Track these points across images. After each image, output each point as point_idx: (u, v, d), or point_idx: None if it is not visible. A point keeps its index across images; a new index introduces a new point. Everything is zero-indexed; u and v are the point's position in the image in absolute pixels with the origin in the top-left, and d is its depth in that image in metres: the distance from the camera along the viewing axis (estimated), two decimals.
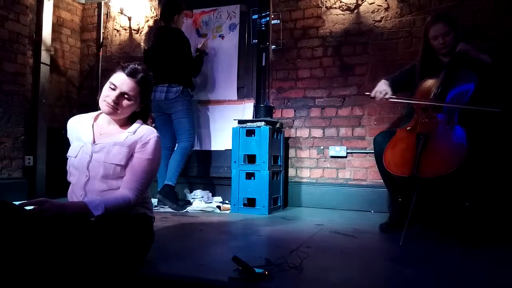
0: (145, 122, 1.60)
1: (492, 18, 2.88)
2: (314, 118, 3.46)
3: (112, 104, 1.47)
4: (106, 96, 1.48)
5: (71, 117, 1.63)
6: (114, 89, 1.48)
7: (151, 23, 4.01)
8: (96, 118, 1.60)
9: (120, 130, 1.55)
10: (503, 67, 2.21)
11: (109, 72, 1.54)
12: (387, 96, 2.33)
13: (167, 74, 3.17)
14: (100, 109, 1.56)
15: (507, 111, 2.64)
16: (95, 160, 1.47)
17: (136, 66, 1.52)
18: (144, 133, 1.53)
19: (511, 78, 2.47)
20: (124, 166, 1.48)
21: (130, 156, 1.49)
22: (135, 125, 1.56)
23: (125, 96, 1.49)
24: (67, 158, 1.54)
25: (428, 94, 2.21)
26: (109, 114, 1.51)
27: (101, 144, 1.50)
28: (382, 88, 2.35)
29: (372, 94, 2.37)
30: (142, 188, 1.48)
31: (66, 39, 4.27)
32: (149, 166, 1.49)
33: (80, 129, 1.56)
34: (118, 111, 1.50)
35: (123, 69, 1.51)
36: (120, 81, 1.49)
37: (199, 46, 3.49)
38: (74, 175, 1.51)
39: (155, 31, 3.32)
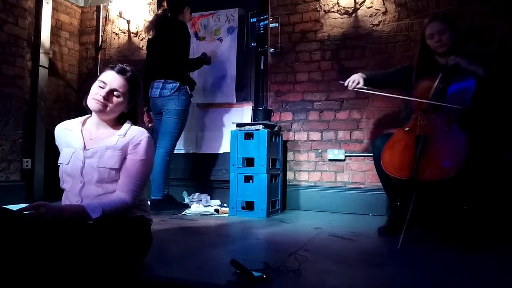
0: (134, 123, 1.59)
1: (490, 23, 2.89)
2: (312, 121, 3.46)
3: (102, 100, 1.47)
4: (96, 93, 1.48)
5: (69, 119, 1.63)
6: (103, 87, 1.49)
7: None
8: (84, 123, 1.58)
9: (110, 133, 1.53)
10: (499, 77, 2.18)
11: None
12: (358, 86, 2.43)
13: (164, 69, 3.02)
14: (87, 114, 1.57)
15: (505, 115, 2.65)
16: (89, 165, 1.46)
17: (125, 66, 1.55)
18: (135, 134, 1.52)
19: (508, 84, 2.48)
20: (118, 169, 1.47)
21: (123, 159, 1.48)
22: (125, 126, 1.55)
23: (115, 93, 1.49)
24: (59, 165, 1.53)
25: (426, 95, 2.16)
26: (98, 111, 1.50)
27: (92, 149, 1.48)
28: (355, 78, 2.45)
29: (346, 83, 2.47)
30: (138, 190, 1.48)
31: (65, 42, 4.27)
32: (143, 167, 1.49)
33: (69, 135, 1.54)
34: (107, 109, 1.49)
35: (112, 68, 1.53)
36: (110, 78, 1.50)
37: (209, 51, 3.37)
38: (68, 182, 1.50)
39: (157, 21, 3.11)
